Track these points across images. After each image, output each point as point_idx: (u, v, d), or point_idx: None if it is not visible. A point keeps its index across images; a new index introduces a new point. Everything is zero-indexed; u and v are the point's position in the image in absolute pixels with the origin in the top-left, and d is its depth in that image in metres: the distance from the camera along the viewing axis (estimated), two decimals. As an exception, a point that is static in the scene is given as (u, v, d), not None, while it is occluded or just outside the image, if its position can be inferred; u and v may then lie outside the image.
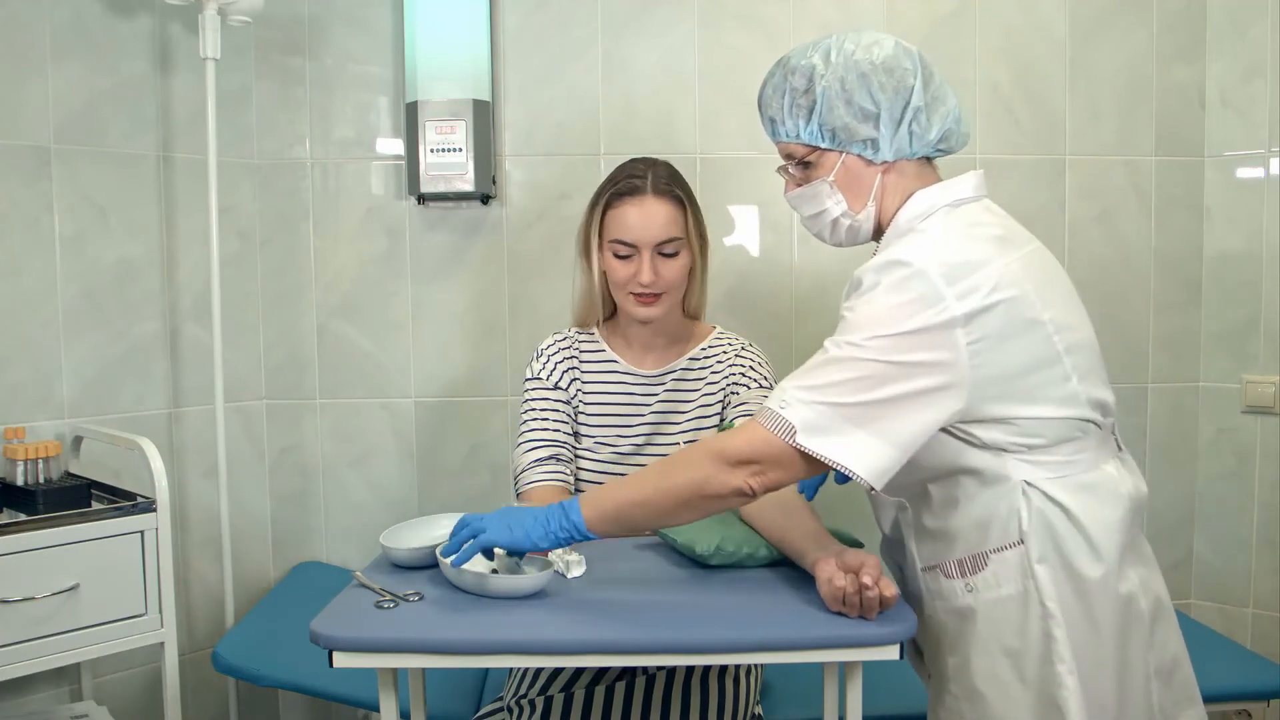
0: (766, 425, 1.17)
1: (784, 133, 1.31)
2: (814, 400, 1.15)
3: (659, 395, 1.75)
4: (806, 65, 1.27)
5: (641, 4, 2.34)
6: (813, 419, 1.15)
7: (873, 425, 1.14)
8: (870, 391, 1.14)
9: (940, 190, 1.28)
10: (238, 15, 2.12)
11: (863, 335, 1.15)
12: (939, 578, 1.28)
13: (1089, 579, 1.20)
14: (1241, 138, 2.33)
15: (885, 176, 1.29)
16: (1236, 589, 2.37)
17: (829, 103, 1.25)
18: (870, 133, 1.25)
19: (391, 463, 2.43)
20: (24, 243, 2.03)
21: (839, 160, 1.28)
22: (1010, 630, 1.22)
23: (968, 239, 1.21)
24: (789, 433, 1.15)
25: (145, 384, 2.21)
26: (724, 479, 1.19)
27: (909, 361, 1.14)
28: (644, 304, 1.68)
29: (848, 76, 1.24)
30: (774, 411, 1.17)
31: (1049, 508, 1.21)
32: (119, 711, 2.10)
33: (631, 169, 1.71)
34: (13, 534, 1.65)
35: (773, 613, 1.25)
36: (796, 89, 1.27)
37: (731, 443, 1.19)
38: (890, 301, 1.16)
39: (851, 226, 1.31)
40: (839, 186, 1.29)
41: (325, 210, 2.39)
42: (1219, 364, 2.38)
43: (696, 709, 1.53)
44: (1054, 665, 1.19)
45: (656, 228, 1.66)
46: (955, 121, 1.29)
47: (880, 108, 1.24)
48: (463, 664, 1.23)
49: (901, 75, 1.25)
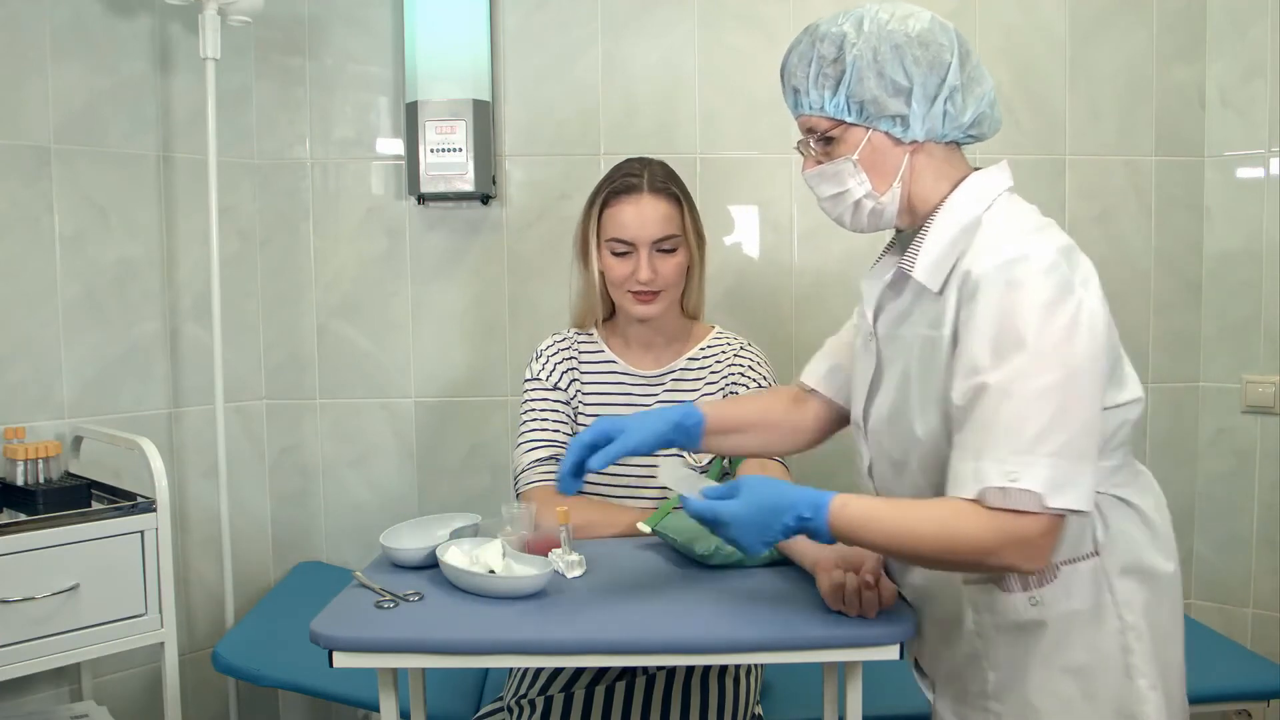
0: (1008, 505, 1.05)
1: (807, 104, 1.21)
2: (1038, 457, 1.05)
3: (658, 395, 1.75)
4: (837, 33, 1.18)
5: (641, 4, 2.34)
6: (1048, 476, 1.04)
7: (1082, 448, 1.06)
8: (1070, 415, 1.06)
9: (999, 174, 1.22)
10: (238, 15, 2.12)
11: (1034, 353, 1.06)
12: (992, 592, 1.19)
13: (1164, 575, 1.19)
14: (1241, 138, 2.33)
15: (913, 158, 1.20)
16: (1236, 589, 2.37)
17: (859, 73, 1.16)
18: (901, 108, 1.17)
19: (391, 463, 2.43)
20: (24, 243, 2.03)
21: (865, 137, 1.19)
22: (1079, 645, 1.16)
23: (1052, 226, 1.17)
24: (1036, 502, 1.04)
25: (145, 384, 2.21)
26: (1020, 565, 1.09)
27: (1083, 362, 1.07)
28: (642, 302, 1.68)
29: (881, 47, 1.16)
30: (1010, 489, 1.04)
31: (1123, 511, 1.18)
32: (119, 711, 2.10)
33: (628, 168, 1.71)
34: (13, 534, 1.65)
35: (773, 613, 1.25)
36: (825, 57, 1.18)
37: (979, 537, 1.07)
38: (1037, 301, 1.07)
39: (875, 209, 1.22)
40: (863, 165, 1.20)
41: (325, 210, 2.39)
42: (1219, 364, 2.38)
43: (696, 709, 1.53)
44: (1134, 680, 1.15)
45: (653, 225, 1.66)
46: (990, 105, 1.22)
47: (914, 82, 1.16)
48: (463, 664, 1.23)
49: (937, 50, 1.17)
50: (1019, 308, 1.08)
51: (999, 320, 1.08)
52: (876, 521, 1.12)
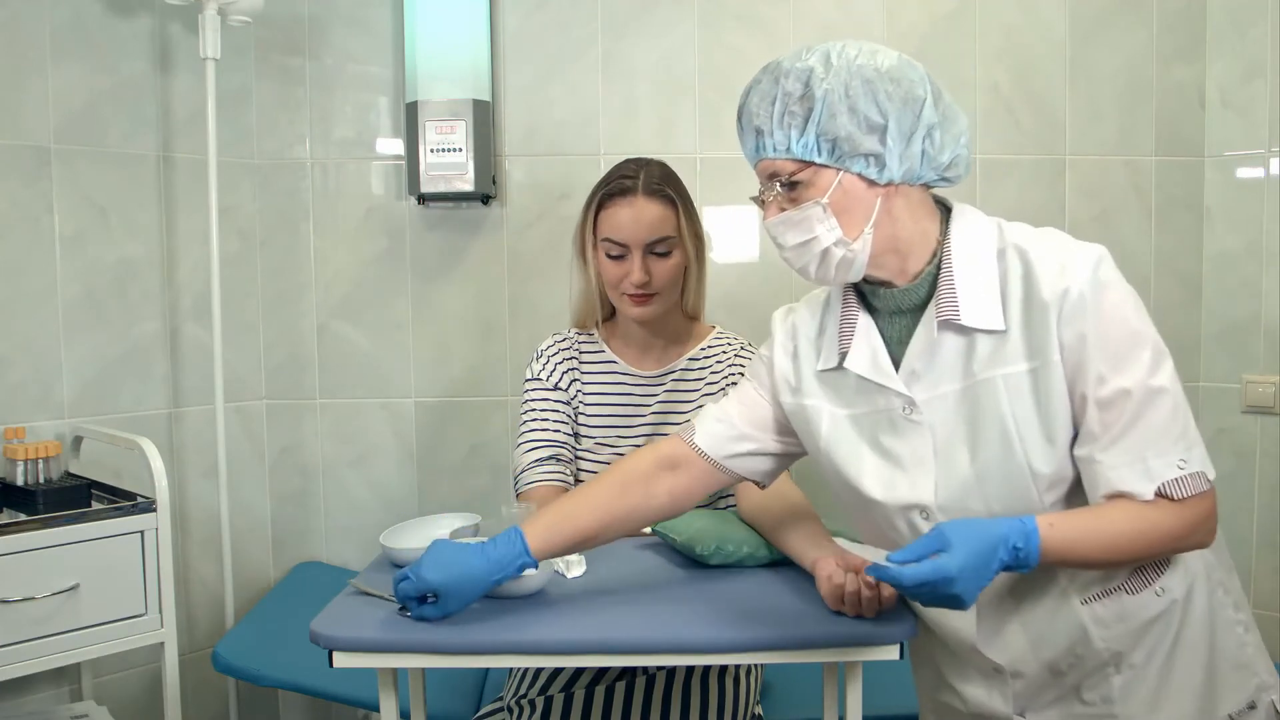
0: (1192, 491, 1.08)
1: (771, 146, 1.13)
2: (1191, 441, 1.10)
3: (659, 395, 1.75)
4: (803, 68, 1.11)
5: (641, 4, 2.34)
6: (1202, 456, 1.11)
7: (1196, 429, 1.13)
8: (1184, 397, 1.12)
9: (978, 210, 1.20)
10: (238, 15, 2.12)
11: (1148, 344, 1.10)
12: (1120, 600, 1.16)
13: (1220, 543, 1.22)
14: (1241, 138, 2.33)
15: (888, 201, 1.14)
16: (1236, 589, 2.37)
17: (830, 109, 1.09)
18: (875, 147, 1.10)
19: (391, 463, 2.43)
20: (24, 243, 2.03)
21: (836, 179, 1.11)
22: (1195, 617, 1.18)
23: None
24: (1206, 482, 1.10)
25: (145, 384, 2.21)
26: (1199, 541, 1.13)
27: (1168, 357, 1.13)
28: (637, 304, 1.68)
29: (851, 82, 1.09)
30: (1183, 475, 1.08)
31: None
32: (119, 711, 2.10)
33: (624, 169, 1.71)
34: (13, 534, 1.65)
35: (773, 613, 1.25)
36: (790, 94, 1.11)
37: (1179, 520, 1.09)
38: (1130, 295, 1.12)
39: (845, 258, 1.14)
40: (833, 210, 1.12)
41: (325, 210, 2.39)
42: (1219, 364, 2.38)
43: (696, 709, 1.53)
44: (1234, 630, 1.20)
45: (646, 227, 1.66)
46: (965, 146, 1.16)
47: (888, 118, 1.10)
48: (463, 664, 1.23)
49: (909, 86, 1.11)
50: (1120, 307, 1.10)
51: (1110, 325, 1.10)
52: (1083, 540, 1.09)
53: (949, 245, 1.16)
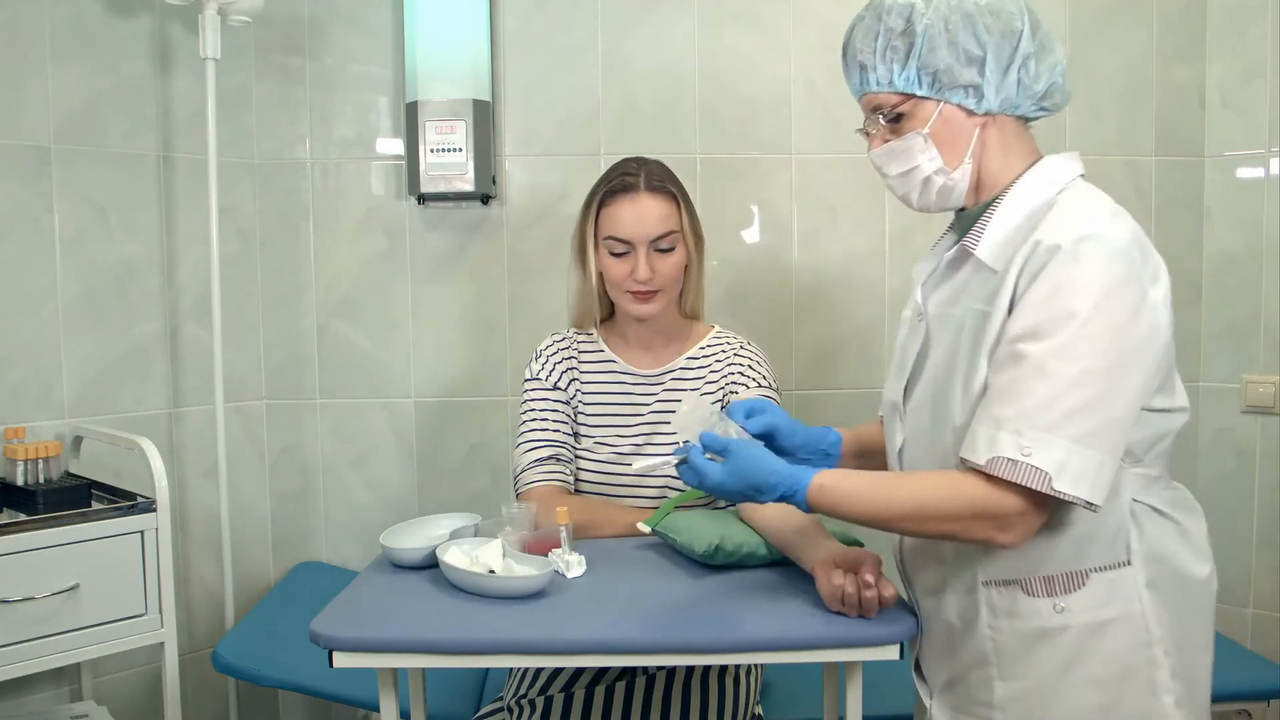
0: (1018, 479, 1.04)
1: (875, 80, 1.17)
2: (1059, 438, 1.04)
3: (658, 395, 1.75)
4: (905, 4, 1.15)
5: (641, 4, 2.34)
6: (1063, 459, 1.03)
7: (1107, 442, 1.05)
8: (1103, 405, 1.04)
9: (1072, 161, 1.19)
10: (238, 15, 2.12)
11: (1082, 333, 1.04)
12: (1014, 595, 1.16)
13: (1199, 588, 1.16)
14: (1241, 138, 2.33)
15: (985, 131, 1.18)
16: (1236, 589, 2.36)
17: (930, 43, 1.13)
18: (974, 78, 1.14)
19: (391, 463, 2.43)
20: (24, 243, 2.03)
21: (936, 110, 1.16)
22: (1103, 657, 1.12)
23: (1127, 215, 1.13)
24: (1043, 481, 1.04)
25: (145, 384, 2.21)
26: (989, 534, 1.09)
27: (1130, 356, 1.06)
28: (641, 301, 1.68)
29: (951, 15, 1.13)
30: (1020, 462, 1.04)
31: (1160, 523, 1.15)
32: (119, 711, 2.10)
33: (624, 167, 1.71)
34: (13, 534, 1.65)
35: (773, 613, 1.25)
36: (892, 29, 1.15)
37: (1000, 505, 1.07)
38: (1100, 283, 1.05)
39: (945, 186, 1.19)
40: (934, 140, 1.17)
41: (325, 210, 2.39)
42: (1219, 364, 2.38)
43: (696, 709, 1.53)
44: (1157, 696, 1.11)
45: (651, 223, 1.66)
46: (1061, 75, 1.18)
47: (987, 50, 1.13)
48: (463, 664, 1.23)
49: (1008, 18, 1.14)
50: (1080, 283, 1.05)
51: (1055, 292, 1.06)
52: (850, 506, 1.14)
53: (1015, 185, 1.18)
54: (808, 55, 2.34)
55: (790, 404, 2.22)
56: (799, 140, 2.35)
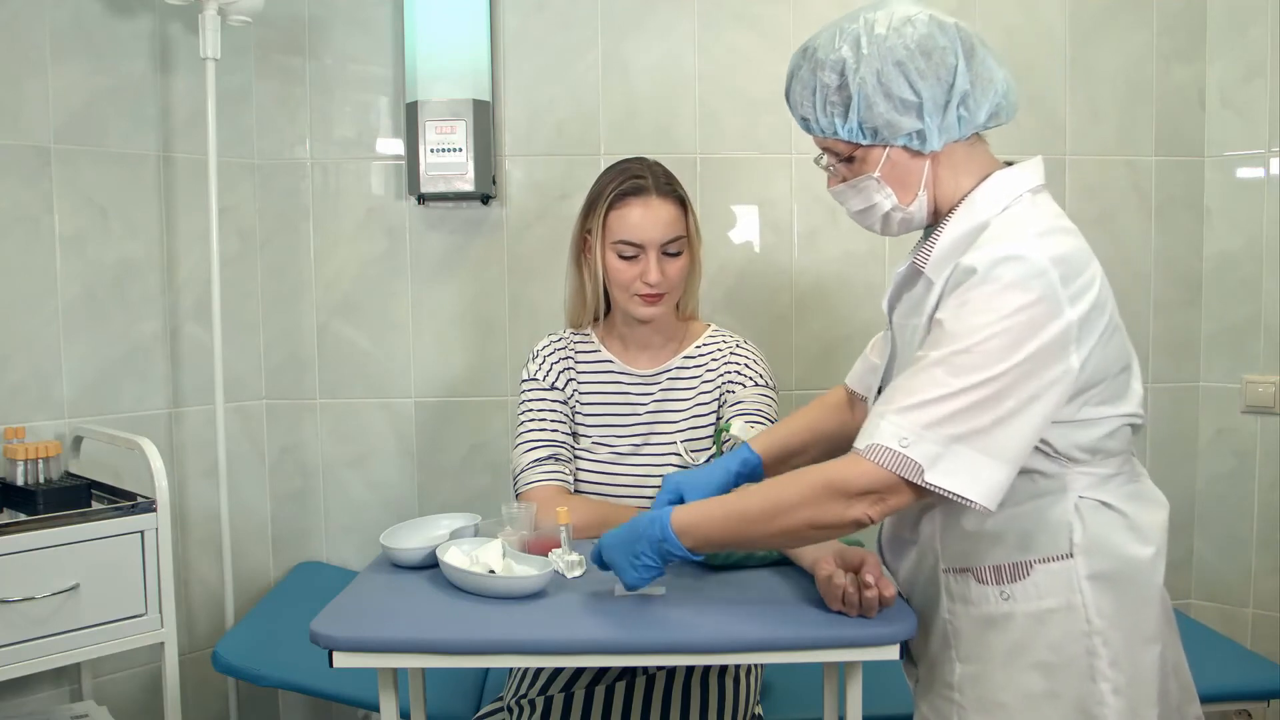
0: (888, 465, 1.08)
1: (819, 129, 1.22)
2: (939, 435, 1.07)
3: (654, 394, 1.74)
4: (836, 59, 1.17)
5: (641, 4, 2.34)
6: (938, 453, 1.07)
7: (994, 447, 1.08)
8: (990, 412, 1.07)
9: (1021, 174, 1.22)
10: (238, 15, 2.12)
11: (979, 345, 1.07)
12: (968, 582, 1.21)
13: (1144, 580, 1.18)
14: (1241, 138, 2.33)
15: (935, 164, 1.21)
16: (1236, 589, 2.37)
17: (866, 99, 1.16)
18: (914, 124, 1.17)
19: (391, 463, 2.43)
20: (24, 243, 2.03)
21: (884, 155, 1.20)
22: (1046, 644, 1.17)
23: (1065, 232, 1.15)
24: (916, 472, 1.07)
25: (145, 384, 2.21)
26: (840, 511, 1.12)
27: (1028, 372, 1.07)
28: (649, 303, 1.68)
29: (883, 68, 1.15)
30: (896, 452, 1.08)
31: (1107, 516, 1.18)
32: (119, 711, 2.10)
33: (631, 169, 1.70)
34: (13, 534, 1.65)
35: (773, 613, 1.25)
36: (828, 85, 1.18)
37: (848, 477, 1.11)
38: (1008, 303, 1.08)
39: (904, 218, 1.24)
40: (886, 181, 1.21)
41: (325, 210, 2.39)
42: (1219, 364, 2.38)
43: (696, 709, 1.53)
44: (1096, 683, 1.15)
45: (663, 227, 1.66)
46: (1004, 95, 1.20)
47: (922, 97, 1.15)
48: (463, 664, 1.23)
49: (941, 56, 1.15)
50: (985, 302, 1.09)
51: (961, 307, 1.10)
52: (709, 520, 1.20)
53: (961, 203, 1.21)
54: (808, 55, 2.34)
55: (790, 404, 2.22)
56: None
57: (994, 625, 1.20)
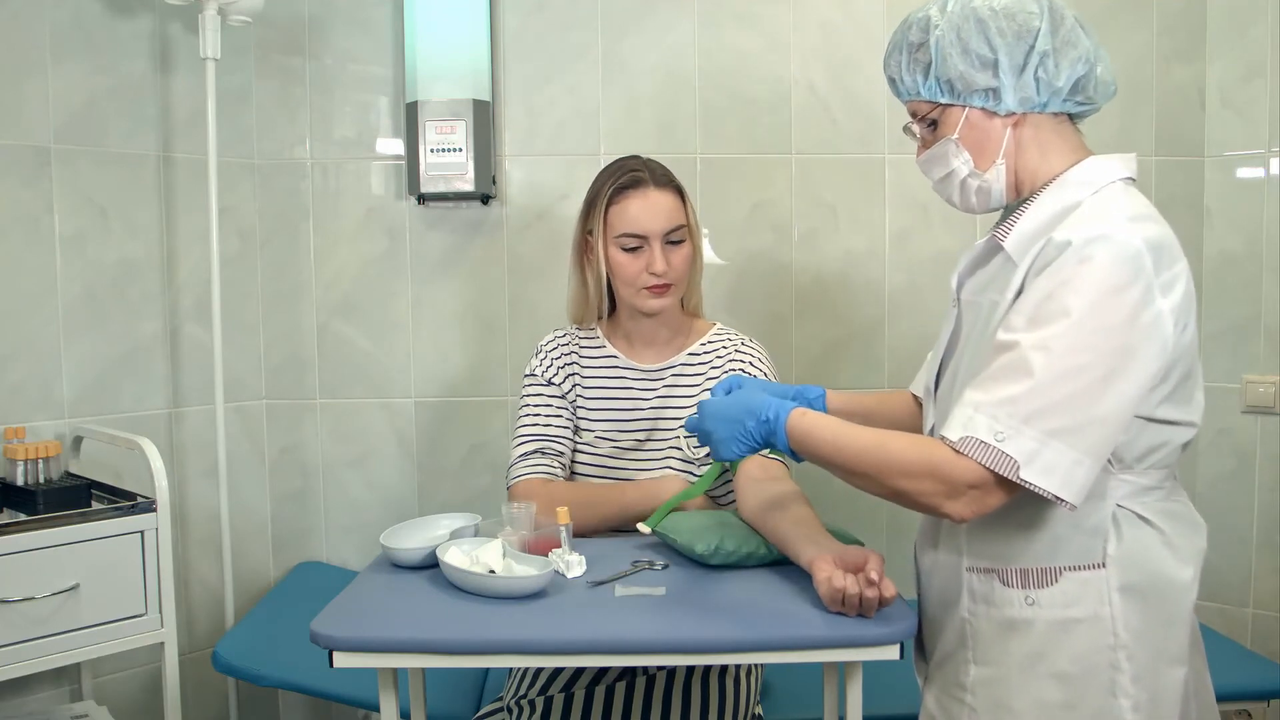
0: (984, 460, 1.05)
1: (904, 90, 1.23)
2: (1035, 429, 1.04)
3: (658, 390, 1.75)
4: (923, 17, 1.20)
5: (641, 4, 2.34)
6: (1035, 450, 1.04)
7: (1085, 442, 1.05)
8: (1085, 405, 1.04)
9: (1119, 161, 1.20)
10: (238, 15, 2.12)
11: (1073, 331, 1.04)
12: (992, 583, 1.19)
13: (1177, 598, 1.15)
14: (1241, 138, 2.33)
15: (1017, 131, 1.20)
16: (1236, 589, 2.36)
17: (943, 53, 1.17)
18: (989, 81, 1.16)
19: (391, 463, 2.43)
20: (24, 243, 2.03)
21: (962, 115, 1.20)
22: (1068, 655, 1.14)
23: (1158, 221, 1.14)
24: (1011, 469, 1.04)
25: (145, 384, 2.21)
26: (939, 501, 1.09)
27: (1122, 363, 1.05)
28: (657, 295, 1.68)
29: (964, 25, 1.16)
30: (991, 446, 1.05)
31: (1143, 530, 1.15)
32: (119, 711, 2.10)
33: (628, 165, 1.71)
34: (13, 534, 1.65)
35: (773, 613, 1.25)
36: (912, 43, 1.20)
37: (955, 470, 1.07)
38: (1104, 285, 1.05)
39: (980, 187, 1.22)
40: (965, 144, 1.21)
41: (325, 210, 2.39)
42: (1219, 364, 2.38)
43: (696, 709, 1.53)
44: (1116, 698, 1.12)
45: (664, 217, 1.67)
46: (1091, 66, 1.18)
47: (998, 53, 1.16)
48: (463, 664, 1.23)
49: (1025, 18, 1.15)
50: (1080, 282, 1.06)
51: (1056, 287, 1.07)
52: (822, 438, 1.19)
53: (1051, 183, 1.20)
54: (808, 55, 2.34)
55: (790, 404, 2.22)
56: (799, 140, 2.35)
57: (1015, 630, 1.17)
